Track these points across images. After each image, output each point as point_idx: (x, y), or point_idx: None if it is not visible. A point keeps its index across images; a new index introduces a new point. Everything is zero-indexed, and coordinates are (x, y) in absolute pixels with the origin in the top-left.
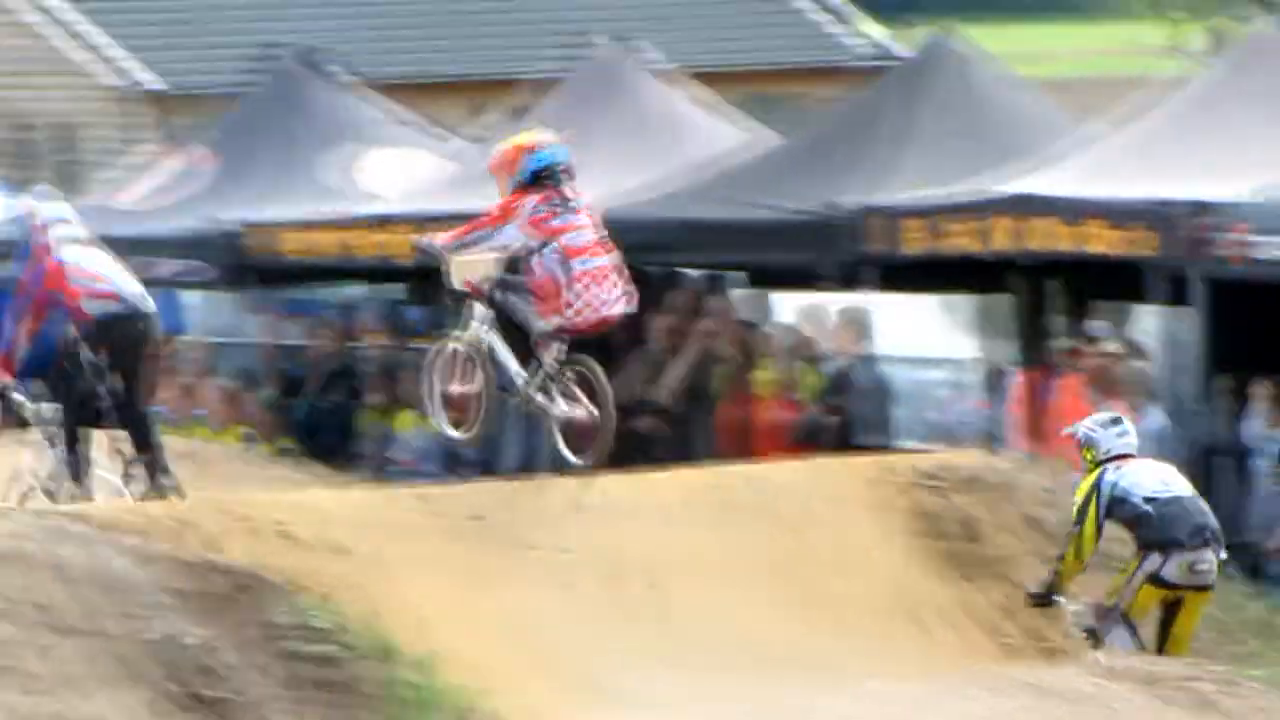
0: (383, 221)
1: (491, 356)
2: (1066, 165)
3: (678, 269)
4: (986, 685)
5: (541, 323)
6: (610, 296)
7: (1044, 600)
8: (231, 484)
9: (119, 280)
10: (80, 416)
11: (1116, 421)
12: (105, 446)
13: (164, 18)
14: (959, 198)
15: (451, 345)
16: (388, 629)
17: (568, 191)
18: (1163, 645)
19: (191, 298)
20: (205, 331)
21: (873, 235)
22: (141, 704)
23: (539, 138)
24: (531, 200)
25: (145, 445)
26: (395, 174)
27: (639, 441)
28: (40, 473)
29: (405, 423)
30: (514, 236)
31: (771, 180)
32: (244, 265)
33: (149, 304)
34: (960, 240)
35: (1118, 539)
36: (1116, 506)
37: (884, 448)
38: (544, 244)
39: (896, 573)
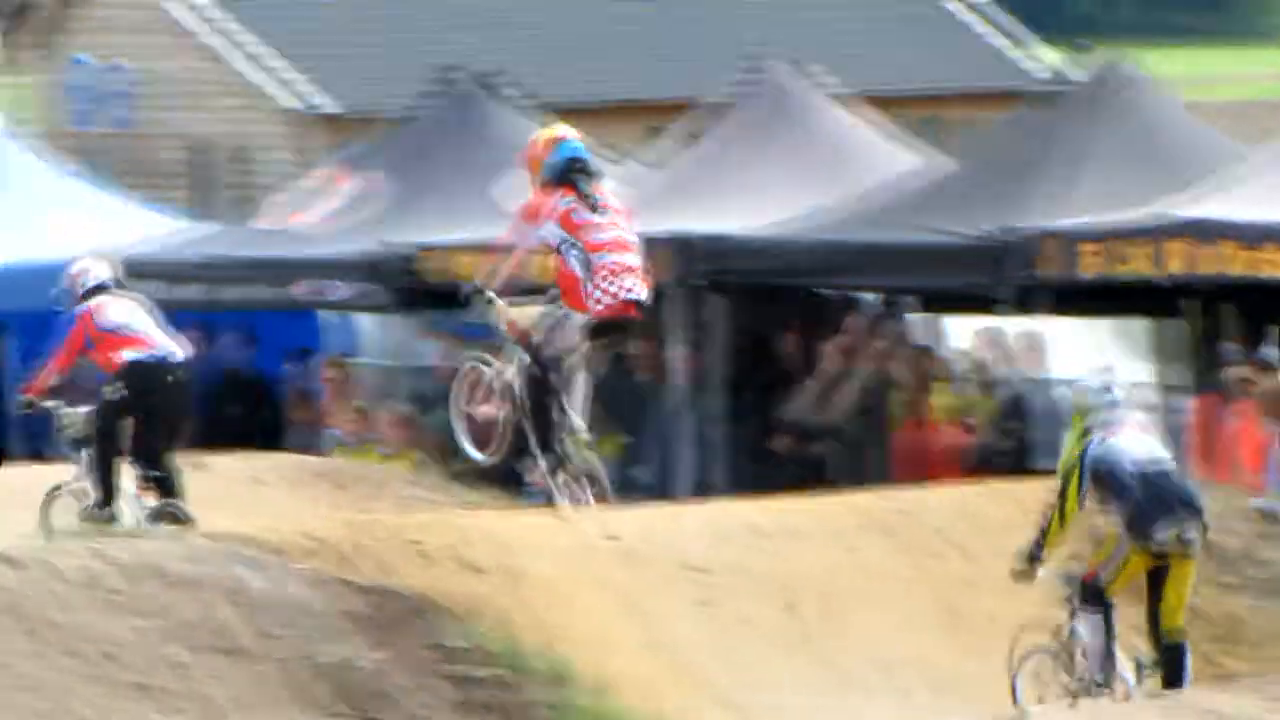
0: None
1: (513, 396)
2: (1241, 190)
3: (853, 293)
4: (1158, 709)
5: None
6: (631, 287)
7: (1029, 568)
8: (404, 508)
9: (151, 332)
10: (107, 449)
11: (1108, 389)
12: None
13: (340, 41)
14: (1134, 222)
15: (477, 366)
16: (559, 652)
17: (592, 189)
18: (1156, 617)
19: (365, 321)
20: (379, 355)
21: (1047, 259)
22: None
23: (562, 130)
24: (557, 196)
25: (168, 491)
26: None
27: (812, 464)
28: (73, 481)
29: None
30: (551, 233)
31: (946, 204)
32: (418, 289)
33: (178, 356)
34: (1135, 264)
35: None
36: (1104, 477)
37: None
38: (568, 240)
39: None
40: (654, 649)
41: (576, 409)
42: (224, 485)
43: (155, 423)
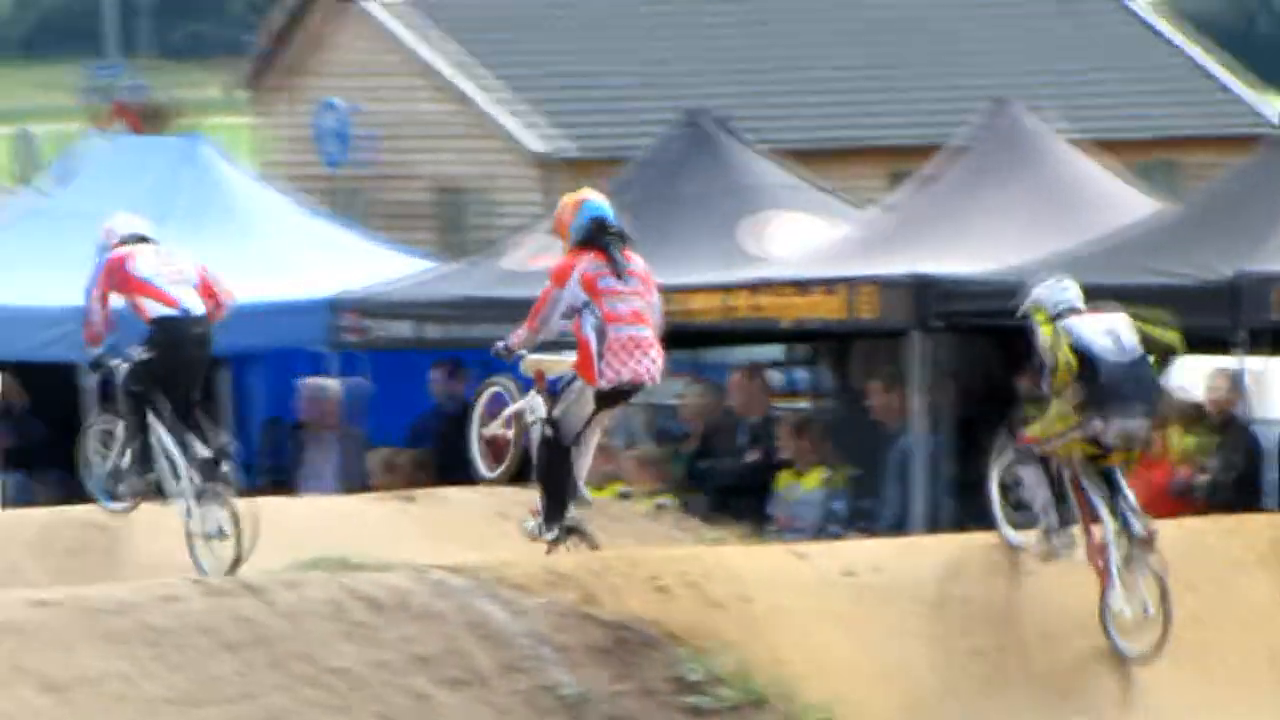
0: (789, 284)
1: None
2: None
3: None
4: None
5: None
6: (643, 362)
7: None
8: (645, 542)
9: (177, 290)
10: (138, 408)
11: (1060, 280)
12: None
13: (583, 85)
14: None
15: (495, 389)
16: (792, 683)
17: (621, 254)
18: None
19: None
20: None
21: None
22: None
23: (588, 193)
24: (585, 258)
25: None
26: (798, 238)
27: None
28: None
29: (784, 479)
30: (575, 295)
31: (1181, 247)
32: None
33: (201, 311)
34: None
35: None
36: (1079, 353)
37: None
38: (587, 304)
39: None
40: (886, 680)
41: (583, 475)
42: (473, 520)
43: (180, 381)
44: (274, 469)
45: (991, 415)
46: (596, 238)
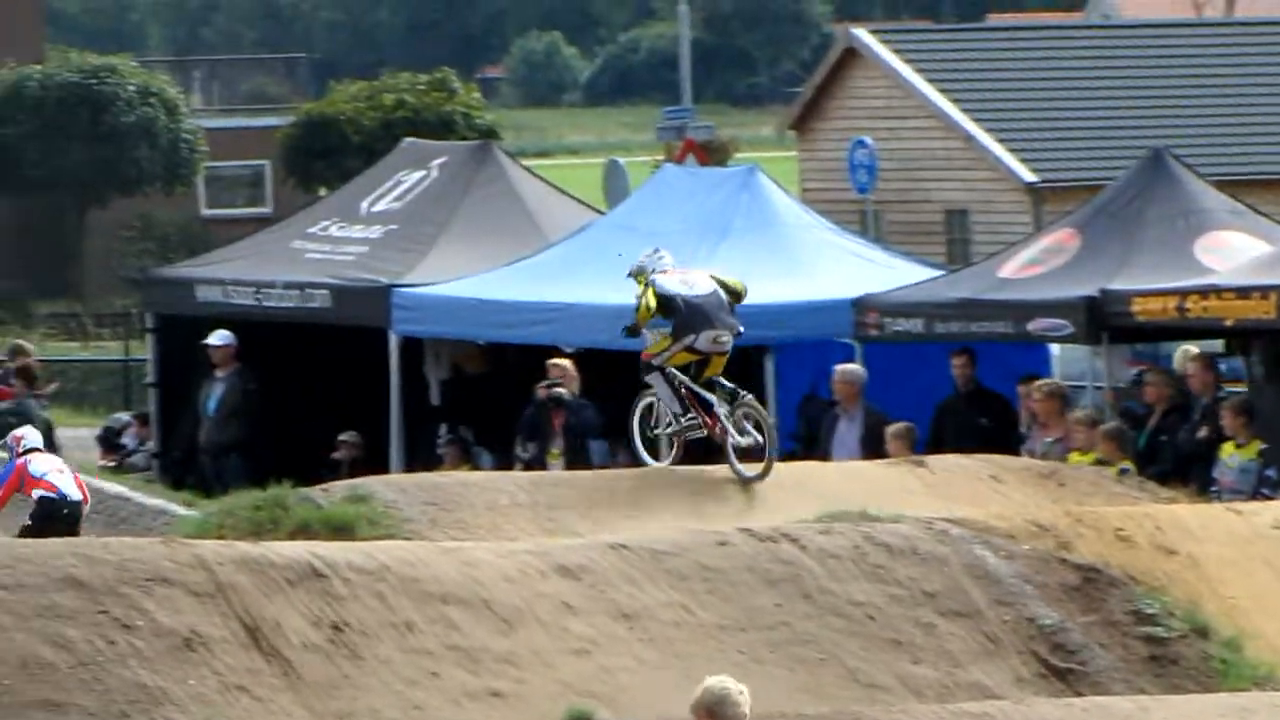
0: (1232, 289)
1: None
2: None
3: None
4: None
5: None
6: None
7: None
8: (1111, 503)
9: (58, 479)
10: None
11: (655, 250)
12: None
13: (1042, 121)
14: None
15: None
16: (1233, 619)
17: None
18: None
19: (1054, 350)
20: (1063, 377)
21: None
22: (1007, 673)
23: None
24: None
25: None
26: (1240, 253)
27: None
28: None
29: (1227, 450)
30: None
31: None
32: (1099, 324)
33: (77, 496)
34: None
35: None
36: (663, 300)
37: None
38: None
39: None
40: None
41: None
42: (968, 481)
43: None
44: (808, 438)
45: None
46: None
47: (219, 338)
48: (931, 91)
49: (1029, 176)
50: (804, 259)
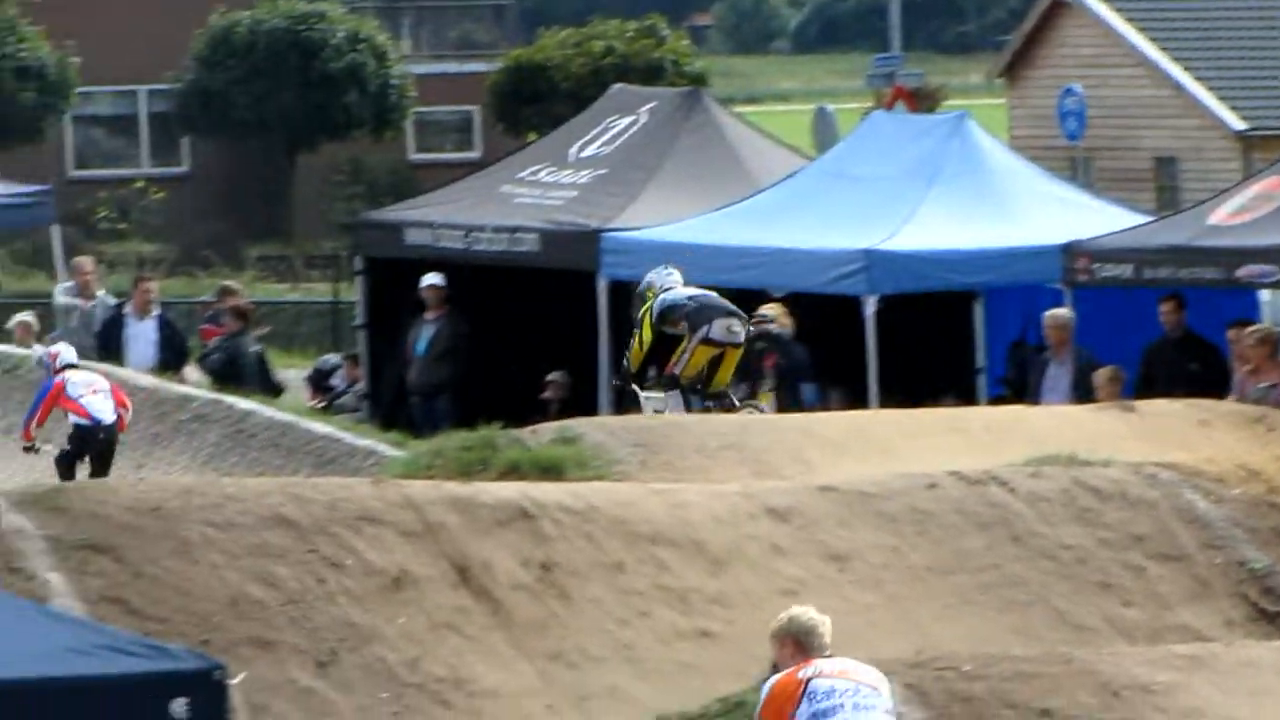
0: None
1: None
2: None
3: None
4: None
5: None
6: None
7: (623, 389)
8: None
9: (91, 401)
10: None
11: (665, 266)
12: None
13: (1252, 69)
14: None
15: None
16: None
17: None
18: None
19: (1264, 295)
20: (1273, 323)
21: None
22: (1216, 615)
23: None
24: None
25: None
26: None
27: None
28: None
29: None
30: None
31: None
32: None
33: (111, 418)
34: None
35: None
36: (670, 312)
37: None
38: None
39: None
40: None
41: None
42: (1177, 426)
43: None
44: (1018, 383)
45: None
46: None
47: (434, 278)
48: (1140, 39)
49: (1238, 124)
50: (1013, 205)
